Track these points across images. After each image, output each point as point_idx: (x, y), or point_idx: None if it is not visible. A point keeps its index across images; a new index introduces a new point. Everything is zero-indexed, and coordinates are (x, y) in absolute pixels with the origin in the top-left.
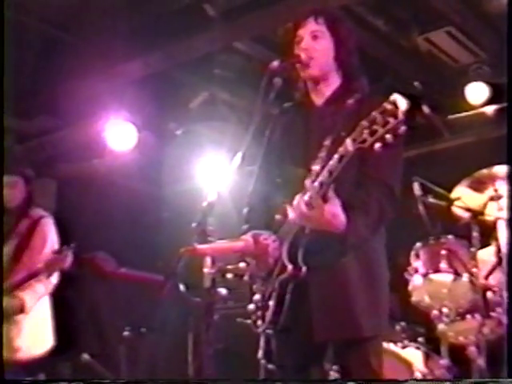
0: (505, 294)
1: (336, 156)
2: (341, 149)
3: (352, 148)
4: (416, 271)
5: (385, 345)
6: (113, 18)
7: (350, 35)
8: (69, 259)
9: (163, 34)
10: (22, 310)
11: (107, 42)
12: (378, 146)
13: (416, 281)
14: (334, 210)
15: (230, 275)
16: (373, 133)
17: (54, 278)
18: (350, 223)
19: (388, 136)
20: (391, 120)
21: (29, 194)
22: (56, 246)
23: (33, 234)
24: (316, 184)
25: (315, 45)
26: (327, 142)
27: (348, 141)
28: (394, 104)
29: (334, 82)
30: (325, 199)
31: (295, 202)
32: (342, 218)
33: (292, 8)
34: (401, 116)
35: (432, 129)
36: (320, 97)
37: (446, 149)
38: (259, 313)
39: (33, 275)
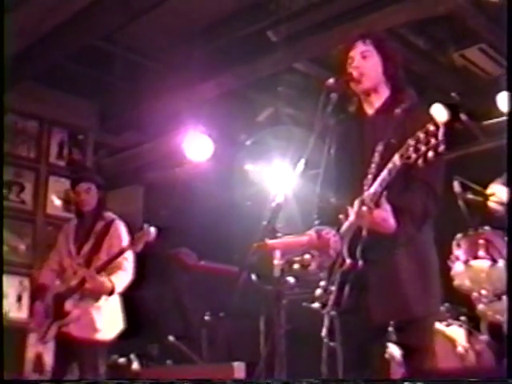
0: None
1: (386, 169)
2: (390, 164)
3: (399, 163)
4: (457, 259)
5: None
6: (189, 45)
7: (394, 52)
8: (152, 232)
9: (233, 57)
10: (112, 291)
11: (184, 66)
12: (420, 162)
13: (458, 267)
14: (384, 215)
15: (297, 266)
16: (417, 150)
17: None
18: (399, 224)
19: (430, 154)
20: (433, 140)
21: (101, 199)
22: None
23: (108, 233)
24: (370, 191)
25: (365, 63)
26: (379, 148)
27: (396, 156)
28: (436, 126)
29: (384, 93)
30: (377, 205)
31: (355, 205)
32: (391, 221)
33: (343, 33)
34: (441, 137)
35: (469, 134)
36: (371, 107)
37: (481, 151)
38: (324, 297)
39: (118, 255)
